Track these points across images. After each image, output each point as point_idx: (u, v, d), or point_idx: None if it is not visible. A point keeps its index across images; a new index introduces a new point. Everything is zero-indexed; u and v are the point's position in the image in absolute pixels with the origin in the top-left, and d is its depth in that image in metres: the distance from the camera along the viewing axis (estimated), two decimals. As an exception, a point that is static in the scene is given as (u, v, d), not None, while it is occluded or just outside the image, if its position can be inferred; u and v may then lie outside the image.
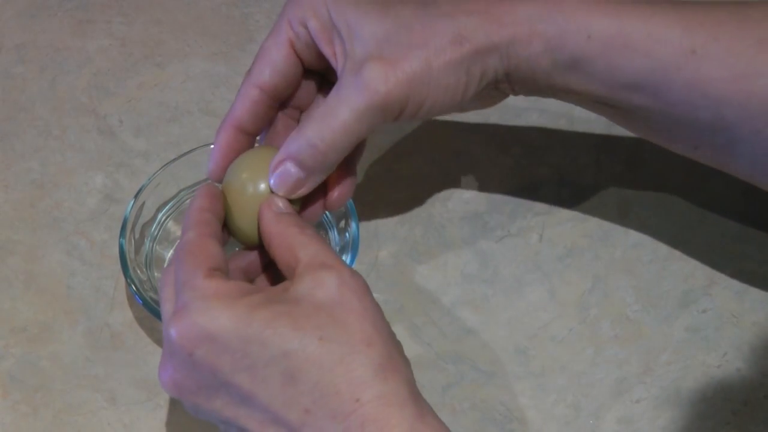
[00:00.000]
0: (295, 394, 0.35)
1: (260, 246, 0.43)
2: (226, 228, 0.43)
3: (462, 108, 0.44)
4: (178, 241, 0.41)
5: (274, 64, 0.43)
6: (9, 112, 0.59)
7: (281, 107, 0.45)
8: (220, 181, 0.44)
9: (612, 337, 0.50)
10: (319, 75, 0.45)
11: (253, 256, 0.43)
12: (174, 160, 0.51)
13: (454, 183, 0.55)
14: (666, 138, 0.45)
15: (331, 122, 0.40)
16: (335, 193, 0.44)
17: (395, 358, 0.37)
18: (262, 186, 0.42)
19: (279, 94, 0.44)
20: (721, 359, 0.49)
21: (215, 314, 0.36)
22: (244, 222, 0.42)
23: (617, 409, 0.47)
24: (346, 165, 0.44)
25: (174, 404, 0.48)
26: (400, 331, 0.50)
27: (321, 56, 0.43)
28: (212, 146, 0.44)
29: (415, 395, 0.37)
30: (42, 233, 0.54)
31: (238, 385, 0.36)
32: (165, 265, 0.50)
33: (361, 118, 0.40)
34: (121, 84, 0.60)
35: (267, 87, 0.43)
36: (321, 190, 0.44)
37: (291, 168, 0.41)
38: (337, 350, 0.35)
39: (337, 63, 0.42)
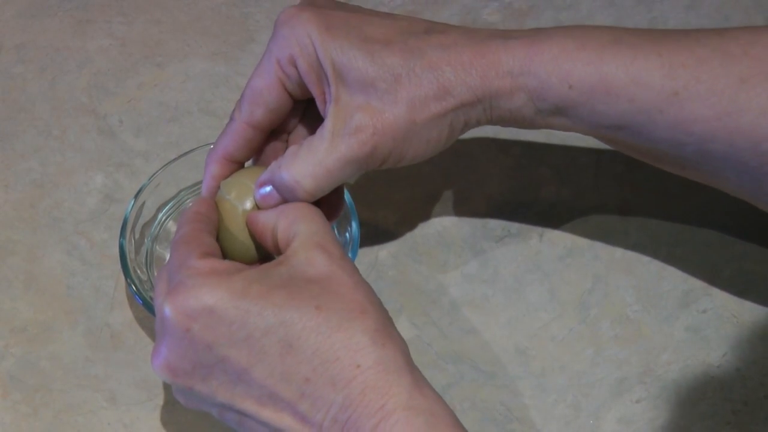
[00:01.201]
0: (293, 364, 0.36)
1: (250, 262, 0.44)
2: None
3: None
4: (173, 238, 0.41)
5: (266, 104, 0.43)
6: (9, 112, 0.59)
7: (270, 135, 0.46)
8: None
9: (612, 337, 0.50)
10: (305, 100, 0.45)
11: None
12: (174, 160, 0.51)
13: (454, 183, 0.55)
14: (652, 161, 0.45)
15: (315, 169, 0.41)
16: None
17: (389, 326, 0.37)
18: (251, 204, 0.43)
19: (270, 127, 0.44)
20: (721, 359, 0.49)
21: (211, 288, 0.36)
22: (235, 235, 0.43)
23: (617, 409, 0.47)
24: (335, 191, 0.44)
25: (174, 404, 0.48)
26: (400, 331, 0.50)
27: (308, 91, 0.43)
28: (204, 174, 0.45)
29: (411, 365, 0.37)
30: (42, 233, 0.54)
31: (235, 359, 0.36)
32: None
33: (345, 168, 0.41)
34: (121, 84, 0.60)
35: (260, 126, 0.44)
36: None
37: (274, 194, 0.42)
38: (334, 317, 0.36)
39: (325, 103, 0.42)
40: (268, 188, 0.42)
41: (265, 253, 0.44)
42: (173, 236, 0.42)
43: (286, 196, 0.42)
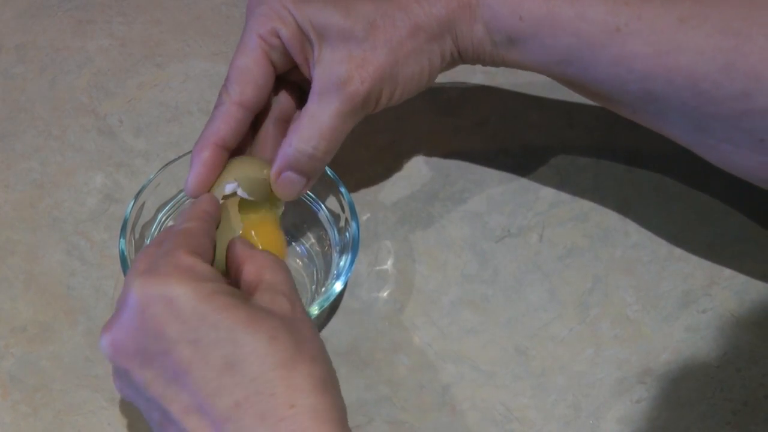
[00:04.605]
0: (229, 384, 0.35)
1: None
2: None
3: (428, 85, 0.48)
4: (173, 225, 0.41)
5: (255, 81, 0.44)
6: (9, 112, 0.59)
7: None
8: (197, 197, 0.45)
9: (612, 337, 0.50)
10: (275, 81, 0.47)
11: None
12: (174, 160, 0.51)
13: (454, 183, 0.55)
14: (607, 104, 0.47)
15: (321, 128, 0.44)
16: None
17: (335, 384, 0.37)
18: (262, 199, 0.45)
19: (258, 107, 0.46)
20: (721, 359, 0.49)
21: (180, 281, 0.36)
22: (228, 236, 0.43)
23: (617, 409, 0.47)
24: None
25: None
26: (400, 332, 0.50)
27: (291, 61, 0.45)
28: (192, 163, 0.45)
29: (346, 425, 0.36)
30: (42, 233, 0.54)
31: (177, 357, 0.36)
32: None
33: (346, 119, 0.44)
34: (121, 84, 0.60)
35: (251, 105, 0.45)
36: None
37: (293, 176, 0.45)
38: (283, 354, 0.35)
39: (309, 69, 0.44)
40: (285, 175, 0.44)
41: None
42: (175, 225, 0.42)
43: (306, 167, 0.44)
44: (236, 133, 0.45)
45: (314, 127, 0.44)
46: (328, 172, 0.49)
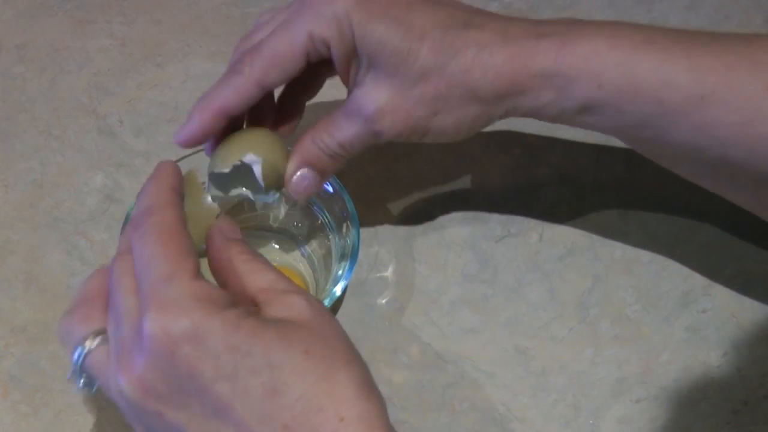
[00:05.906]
0: (275, 409, 0.34)
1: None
2: None
3: None
4: (139, 210, 0.38)
5: (285, 70, 0.43)
6: (9, 112, 0.59)
7: None
8: (188, 147, 0.44)
9: (612, 337, 0.50)
10: None
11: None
12: (177, 161, 0.51)
13: (454, 183, 0.55)
14: (668, 164, 0.45)
15: (341, 140, 0.44)
16: (284, 129, 0.47)
17: (371, 380, 0.36)
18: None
19: (275, 89, 0.45)
20: (721, 359, 0.49)
21: (206, 316, 0.34)
22: (196, 232, 0.41)
23: (617, 409, 0.47)
24: (296, 104, 0.47)
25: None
26: (400, 331, 0.50)
27: (328, 61, 0.43)
28: (190, 118, 0.44)
29: (389, 424, 0.35)
30: (42, 233, 0.54)
31: (216, 395, 0.34)
32: None
33: (367, 141, 0.44)
34: (121, 84, 0.60)
35: (269, 87, 0.43)
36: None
37: (310, 174, 0.44)
38: (321, 365, 0.34)
39: (347, 77, 0.43)
40: (301, 172, 0.44)
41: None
42: (140, 199, 0.39)
43: (324, 167, 0.44)
44: (244, 107, 0.43)
45: (334, 136, 0.44)
46: (334, 182, 0.49)
